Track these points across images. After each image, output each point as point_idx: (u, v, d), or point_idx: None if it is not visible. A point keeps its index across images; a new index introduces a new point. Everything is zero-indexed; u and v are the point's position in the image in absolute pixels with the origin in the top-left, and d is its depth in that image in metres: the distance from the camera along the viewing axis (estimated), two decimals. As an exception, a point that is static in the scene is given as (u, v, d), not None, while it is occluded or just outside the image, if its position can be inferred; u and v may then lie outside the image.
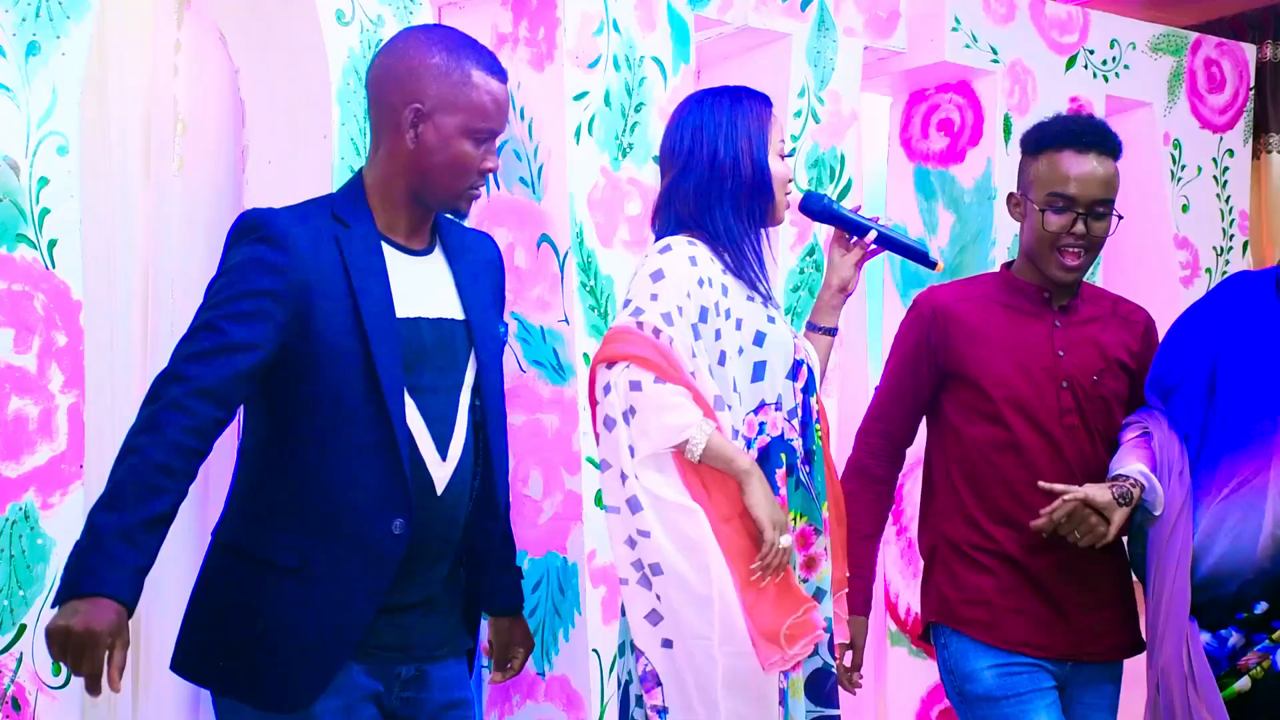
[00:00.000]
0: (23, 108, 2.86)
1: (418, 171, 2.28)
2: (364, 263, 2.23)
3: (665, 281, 2.53)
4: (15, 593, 2.78)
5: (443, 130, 2.26)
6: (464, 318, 2.33)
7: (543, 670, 3.36)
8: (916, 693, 4.16)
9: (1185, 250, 4.50)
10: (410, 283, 2.28)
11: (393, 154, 2.29)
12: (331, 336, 2.19)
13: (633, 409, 2.46)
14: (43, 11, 2.88)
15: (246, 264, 2.19)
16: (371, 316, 2.21)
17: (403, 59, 2.29)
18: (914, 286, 4.24)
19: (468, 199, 2.32)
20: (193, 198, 3.40)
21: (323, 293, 2.19)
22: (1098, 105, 4.31)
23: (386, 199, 2.30)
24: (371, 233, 2.27)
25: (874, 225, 2.80)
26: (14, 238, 2.83)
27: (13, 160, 2.84)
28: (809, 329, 2.87)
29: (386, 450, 2.20)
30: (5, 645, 2.78)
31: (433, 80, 2.26)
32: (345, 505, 2.20)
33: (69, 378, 2.88)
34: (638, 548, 2.46)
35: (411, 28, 2.40)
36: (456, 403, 2.30)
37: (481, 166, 2.29)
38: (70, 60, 2.91)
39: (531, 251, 3.44)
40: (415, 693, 2.31)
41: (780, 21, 3.79)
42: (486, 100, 2.28)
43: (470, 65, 2.28)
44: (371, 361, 2.19)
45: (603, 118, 3.44)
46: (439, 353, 2.29)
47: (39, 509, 2.80)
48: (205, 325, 2.17)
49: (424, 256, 2.33)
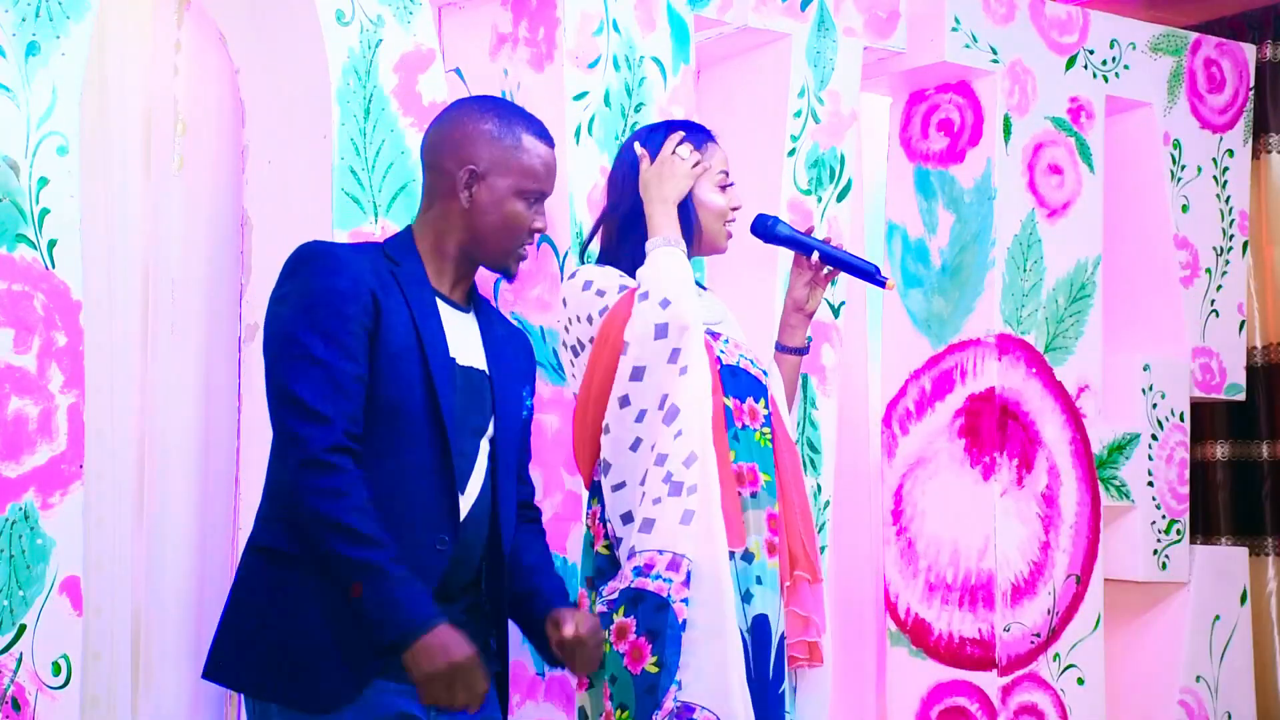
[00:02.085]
0: (23, 108, 2.86)
1: (470, 230, 2.44)
2: (420, 297, 2.38)
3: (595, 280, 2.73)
4: (15, 593, 2.78)
5: (496, 191, 2.43)
6: (489, 373, 2.47)
7: (542, 670, 3.36)
8: (916, 693, 4.16)
9: (1185, 250, 4.50)
10: (451, 328, 2.42)
11: (447, 213, 2.45)
12: (397, 359, 2.32)
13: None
14: (43, 11, 2.88)
15: (327, 293, 2.29)
16: (431, 344, 2.35)
17: (458, 125, 2.46)
18: (913, 286, 4.25)
19: (516, 258, 2.48)
20: (193, 198, 3.40)
21: (390, 322, 2.32)
22: (1098, 105, 4.32)
23: (436, 252, 2.46)
24: (422, 276, 2.42)
25: (817, 245, 2.88)
26: (14, 238, 2.83)
27: (13, 160, 2.84)
28: (777, 349, 3.00)
29: (441, 472, 2.34)
30: (5, 645, 2.78)
31: (486, 145, 2.43)
32: (399, 517, 2.30)
33: (69, 378, 2.88)
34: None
35: (465, 98, 2.62)
36: (478, 446, 2.43)
37: (531, 226, 2.46)
38: (70, 60, 2.91)
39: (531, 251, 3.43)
40: (451, 716, 2.35)
41: (780, 21, 3.79)
42: (537, 163, 2.45)
43: (521, 130, 2.45)
44: (433, 384, 2.33)
45: (602, 118, 3.44)
46: (468, 396, 2.42)
47: (39, 509, 2.80)
48: (319, 363, 2.26)
49: (463, 313, 2.48)
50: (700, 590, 2.55)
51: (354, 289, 2.30)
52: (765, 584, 2.75)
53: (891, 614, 4.21)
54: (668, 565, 2.55)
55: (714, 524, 2.61)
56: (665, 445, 2.59)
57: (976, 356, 4.12)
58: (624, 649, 2.57)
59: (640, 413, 2.62)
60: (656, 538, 2.56)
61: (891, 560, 4.20)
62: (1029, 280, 4.17)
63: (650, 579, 2.55)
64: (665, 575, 2.55)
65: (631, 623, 2.56)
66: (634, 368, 2.63)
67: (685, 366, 2.64)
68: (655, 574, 2.55)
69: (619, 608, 2.58)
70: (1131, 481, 4.35)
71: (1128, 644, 4.48)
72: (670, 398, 2.61)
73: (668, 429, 2.59)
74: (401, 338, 2.32)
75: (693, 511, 2.57)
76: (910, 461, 4.21)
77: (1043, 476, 4.15)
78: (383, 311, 2.31)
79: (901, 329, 4.26)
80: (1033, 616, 4.12)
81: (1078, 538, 4.20)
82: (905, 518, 4.18)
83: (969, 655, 4.08)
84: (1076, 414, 4.22)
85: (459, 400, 2.38)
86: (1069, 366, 4.22)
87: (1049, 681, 4.14)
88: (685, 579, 2.54)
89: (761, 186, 3.78)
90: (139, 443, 3.31)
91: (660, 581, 2.55)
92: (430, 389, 2.33)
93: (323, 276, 2.31)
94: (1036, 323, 4.17)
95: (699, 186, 2.81)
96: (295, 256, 2.37)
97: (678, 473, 2.58)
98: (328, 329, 2.27)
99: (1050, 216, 4.23)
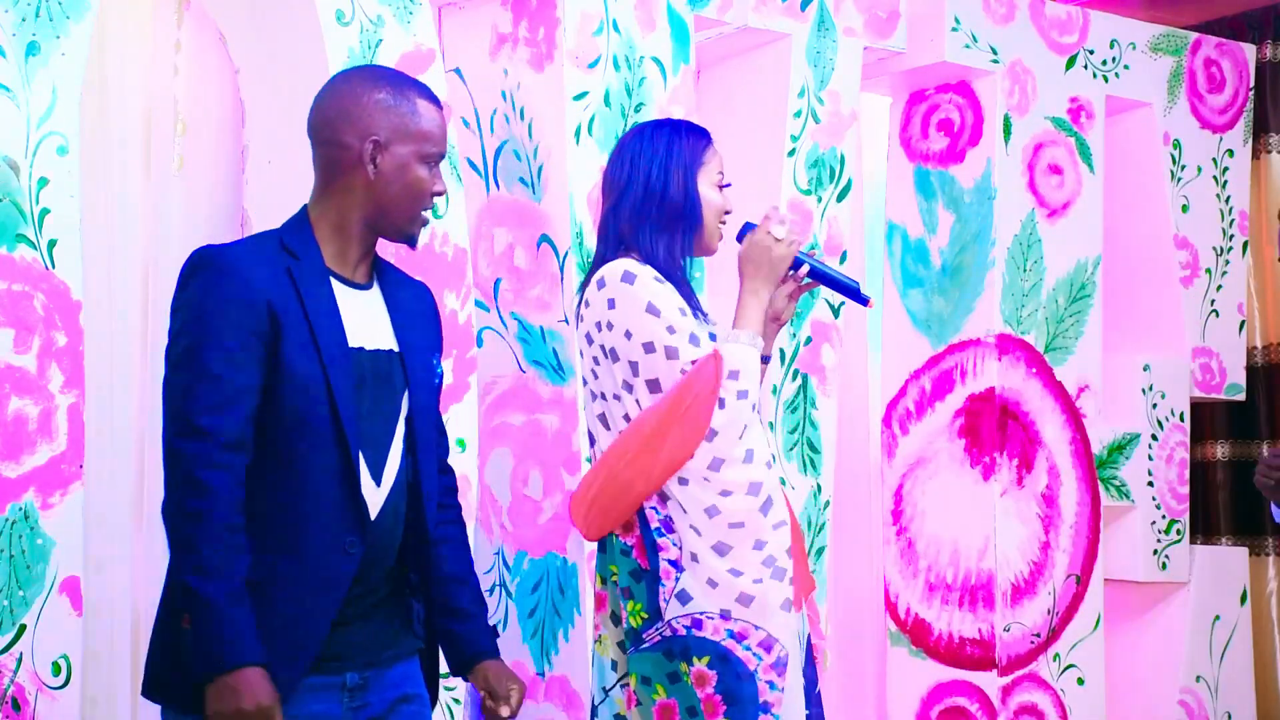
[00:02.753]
0: (23, 108, 2.86)
1: (376, 202, 2.40)
2: (316, 293, 2.34)
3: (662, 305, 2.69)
4: (15, 593, 2.78)
5: (399, 159, 2.39)
6: (398, 350, 2.43)
7: (543, 670, 3.36)
8: (917, 693, 4.16)
9: (1185, 250, 4.50)
10: (353, 314, 2.38)
11: (350, 188, 2.40)
12: (295, 364, 2.28)
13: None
14: (43, 11, 2.88)
15: (219, 303, 2.28)
16: (327, 345, 2.31)
17: (351, 98, 2.42)
18: (913, 287, 4.25)
19: (420, 224, 2.44)
20: (193, 198, 3.40)
21: (285, 323, 2.29)
22: (1098, 105, 4.32)
23: (339, 232, 2.41)
24: (320, 265, 2.38)
25: (807, 260, 2.87)
26: (14, 238, 2.83)
27: (13, 160, 2.84)
28: None
29: (343, 473, 2.31)
30: (5, 645, 2.78)
31: (383, 114, 2.39)
32: (306, 523, 2.29)
33: (69, 378, 2.88)
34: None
35: (347, 70, 2.53)
36: (392, 432, 2.41)
37: (434, 189, 2.42)
38: (70, 60, 2.91)
39: (531, 251, 3.44)
40: (364, 697, 2.36)
41: (780, 21, 3.79)
42: (434, 127, 2.41)
43: (414, 96, 2.42)
44: (330, 388, 2.30)
45: (603, 118, 3.44)
46: (377, 383, 2.39)
47: (39, 509, 2.80)
48: (203, 374, 2.24)
49: (365, 291, 2.44)
50: (789, 680, 2.64)
51: (246, 296, 2.28)
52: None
53: (891, 614, 4.21)
54: (760, 643, 2.62)
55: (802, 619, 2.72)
56: (764, 533, 2.67)
57: (976, 356, 4.12)
58: (701, 695, 2.64)
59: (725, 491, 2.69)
60: (755, 613, 2.63)
61: (891, 560, 4.20)
62: (1029, 280, 4.17)
63: (742, 647, 2.62)
64: (757, 651, 2.62)
65: (714, 677, 2.63)
66: (714, 458, 2.68)
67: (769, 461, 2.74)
68: (747, 645, 2.63)
69: (703, 657, 2.63)
70: (1131, 481, 4.35)
71: (1128, 644, 4.48)
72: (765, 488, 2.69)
73: (765, 518, 2.67)
74: (297, 339, 2.30)
75: (791, 601, 2.66)
76: (910, 461, 4.21)
77: (1043, 476, 4.15)
78: (278, 315, 2.28)
79: (901, 329, 4.26)
80: (1033, 616, 4.12)
81: (1078, 538, 4.20)
82: (905, 518, 4.18)
83: (969, 655, 4.08)
84: (1076, 414, 4.22)
85: (368, 390, 2.36)
86: (1069, 366, 4.22)
87: (1049, 681, 4.14)
88: (774, 663, 2.63)
89: (761, 186, 3.78)
90: (139, 443, 3.31)
91: (750, 654, 2.62)
92: (329, 390, 2.30)
93: (215, 285, 2.30)
94: (1036, 323, 4.18)
95: (701, 182, 2.80)
96: (188, 263, 2.35)
97: (780, 559, 2.66)
98: (219, 340, 2.25)
99: (1050, 216, 4.23)
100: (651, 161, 2.81)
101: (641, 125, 2.88)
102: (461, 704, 3.19)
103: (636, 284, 2.71)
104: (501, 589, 3.45)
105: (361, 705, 2.36)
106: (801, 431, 3.79)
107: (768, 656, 2.62)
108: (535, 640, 3.38)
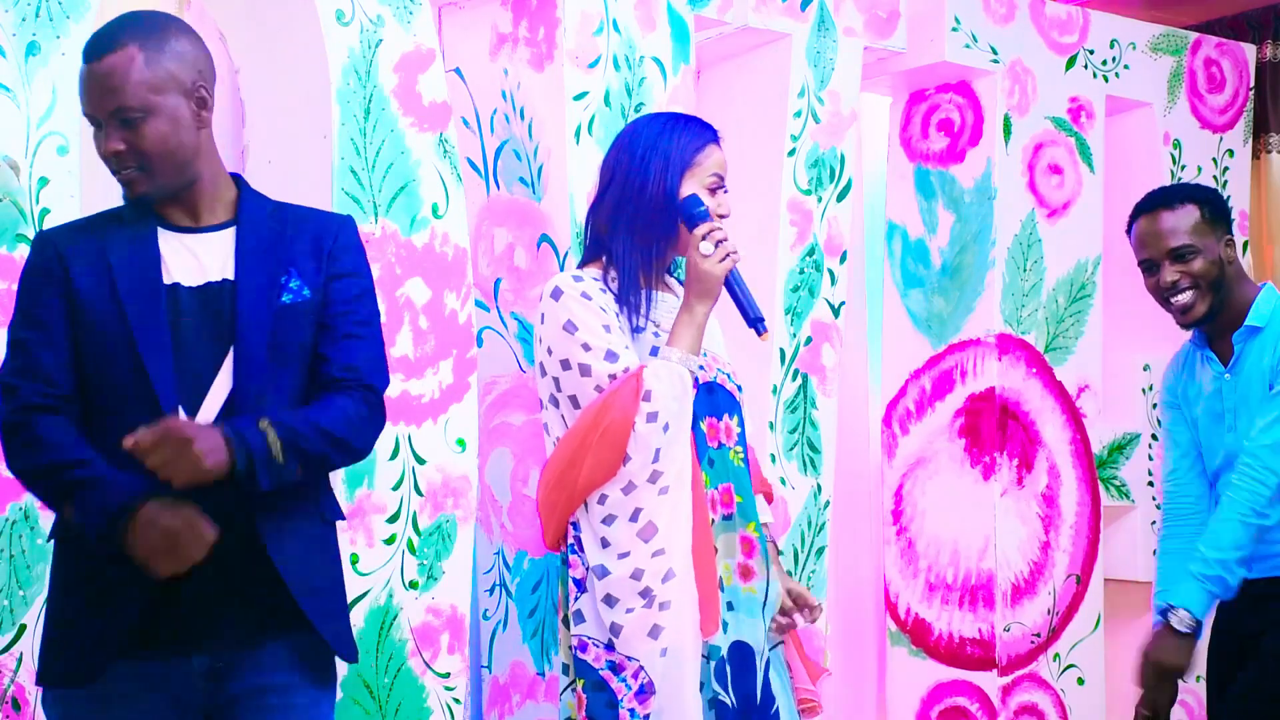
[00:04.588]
0: (23, 108, 2.86)
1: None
2: (127, 241, 2.36)
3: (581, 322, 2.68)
4: (15, 593, 2.78)
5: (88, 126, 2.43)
6: (235, 280, 2.37)
7: (542, 670, 3.36)
8: (917, 693, 4.16)
9: (1185, 250, 4.49)
10: (172, 255, 2.37)
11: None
12: (93, 307, 2.31)
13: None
14: (43, 11, 2.88)
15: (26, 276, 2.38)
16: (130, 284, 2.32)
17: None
18: (914, 287, 4.25)
19: (121, 183, 2.41)
20: (193, 198, 3.39)
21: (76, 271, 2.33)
22: (1098, 105, 4.32)
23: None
24: (147, 217, 2.39)
25: (731, 277, 2.75)
26: (14, 238, 2.83)
27: (13, 160, 2.84)
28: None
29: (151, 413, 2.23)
30: (5, 645, 2.78)
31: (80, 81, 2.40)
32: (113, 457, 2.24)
33: (68, 377, 2.88)
34: None
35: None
36: (218, 363, 2.33)
37: (103, 151, 2.41)
38: (70, 60, 2.91)
39: (531, 251, 3.44)
40: (221, 683, 2.31)
41: (780, 21, 3.79)
42: (82, 88, 2.39)
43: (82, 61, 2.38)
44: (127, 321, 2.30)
45: (603, 118, 3.44)
46: (200, 318, 2.34)
47: (39, 509, 2.80)
48: (16, 343, 2.34)
49: (203, 234, 2.40)
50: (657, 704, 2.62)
51: (41, 263, 2.35)
52: (740, 609, 2.73)
53: (891, 614, 4.21)
54: (633, 673, 2.62)
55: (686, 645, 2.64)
56: (641, 560, 2.64)
57: (976, 356, 4.12)
58: (579, 716, 2.70)
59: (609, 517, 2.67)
60: (624, 643, 2.63)
61: (891, 560, 4.20)
62: (1029, 280, 4.17)
63: (617, 679, 2.64)
64: (630, 681, 2.63)
65: (586, 701, 2.67)
66: (628, 482, 2.65)
67: (666, 488, 2.67)
68: (623, 677, 2.64)
69: (585, 681, 2.67)
70: (1131, 481, 4.35)
71: (1128, 644, 4.47)
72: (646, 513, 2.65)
73: (646, 545, 2.64)
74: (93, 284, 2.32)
75: (662, 628, 2.63)
76: (910, 461, 4.21)
77: (1043, 476, 4.15)
78: (70, 271, 2.32)
79: (901, 329, 4.26)
80: (1033, 616, 4.12)
81: (1078, 538, 4.20)
82: (905, 518, 4.18)
83: (969, 655, 4.08)
84: (1076, 414, 4.22)
85: (187, 323, 2.32)
86: (1069, 366, 4.22)
87: (1049, 681, 4.14)
88: (638, 691, 2.62)
89: (761, 186, 3.78)
90: (139, 443, 3.30)
91: (622, 684, 2.63)
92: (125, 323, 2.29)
93: (28, 262, 2.39)
94: (1036, 323, 4.18)
95: (689, 183, 2.75)
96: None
97: (655, 588, 2.63)
98: (25, 309, 2.34)
99: (1050, 216, 4.23)
100: (633, 157, 2.76)
101: (641, 117, 2.84)
102: (461, 704, 3.19)
103: (561, 300, 2.70)
104: (502, 589, 3.44)
105: (216, 688, 2.30)
106: (801, 431, 3.79)
107: (634, 683, 2.62)
108: (535, 640, 3.38)
